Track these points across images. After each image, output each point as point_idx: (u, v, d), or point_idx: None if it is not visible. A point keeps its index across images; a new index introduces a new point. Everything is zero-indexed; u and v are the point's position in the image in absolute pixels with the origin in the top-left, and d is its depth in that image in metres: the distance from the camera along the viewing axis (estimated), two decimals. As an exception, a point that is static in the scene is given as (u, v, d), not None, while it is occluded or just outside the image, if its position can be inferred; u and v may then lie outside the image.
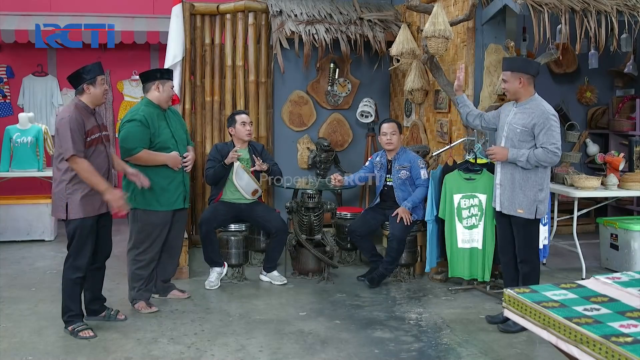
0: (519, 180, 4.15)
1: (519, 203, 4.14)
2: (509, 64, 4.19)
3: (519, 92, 4.15)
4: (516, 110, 4.20)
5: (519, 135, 4.12)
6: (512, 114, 4.21)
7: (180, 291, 4.91)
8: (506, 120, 4.24)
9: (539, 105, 4.14)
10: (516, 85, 4.12)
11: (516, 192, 4.14)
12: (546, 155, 4.03)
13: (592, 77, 7.93)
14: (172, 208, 4.61)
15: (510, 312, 2.62)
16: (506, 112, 4.30)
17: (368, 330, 4.24)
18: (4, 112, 8.35)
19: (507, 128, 4.20)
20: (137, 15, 8.13)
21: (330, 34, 6.59)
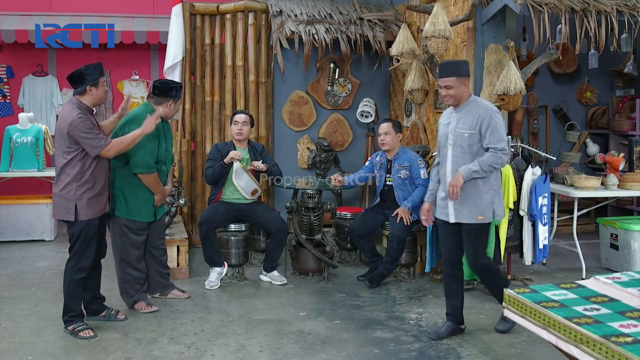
0: (471, 187, 3.96)
1: (477, 210, 3.95)
2: (453, 69, 3.98)
3: (463, 97, 4.00)
4: (458, 115, 4.02)
5: (468, 139, 3.95)
6: (454, 121, 4.02)
7: (180, 291, 4.91)
8: (449, 129, 4.03)
9: (481, 104, 4.02)
10: (462, 90, 3.96)
11: (472, 200, 3.95)
12: (496, 158, 3.89)
13: (592, 77, 7.94)
14: (148, 220, 4.57)
15: (510, 312, 2.62)
16: (446, 121, 4.11)
17: (368, 330, 4.24)
18: (4, 112, 8.36)
19: (452, 136, 4.00)
20: (137, 15, 8.14)
21: (330, 34, 6.59)
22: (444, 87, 3.96)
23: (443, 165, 4.08)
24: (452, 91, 3.95)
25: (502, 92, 4.90)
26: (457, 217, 4.00)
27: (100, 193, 4.10)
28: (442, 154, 4.09)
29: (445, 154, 4.06)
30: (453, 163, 3.99)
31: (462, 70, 3.97)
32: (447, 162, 4.03)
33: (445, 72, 3.96)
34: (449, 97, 3.98)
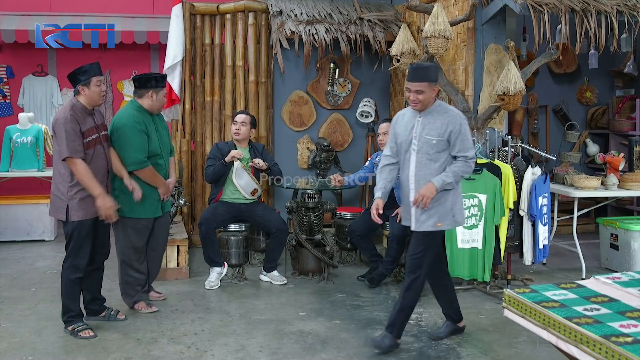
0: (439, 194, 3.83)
1: (438, 217, 3.82)
2: (426, 74, 3.78)
3: (430, 102, 3.82)
4: (423, 120, 3.82)
5: (435, 146, 3.78)
6: (419, 126, 3.82)
7: (157, 292, 4.88)
8: (414, 134, 3.83)
9: (448, 109, 3.86)
10: (431, 96, 3.79)
11: (434, 207, 3.80)
12: (467, 167, 3.80)
13: (592, 77, 7.94)
14: (154, 215, 4.55)
15: (510, 312, 2.62)
16: (408, 124, 3.89)
17: (368, 330, 4.24)
18: (4, 112, 8.36)
19: (417, 142, 3.81)
20: (137, 15, 8.14)
21: (330, 34, 6.59)
22: (415, 91, 3.76)
23: (404, 171, 3.91)
24: (422, 96, 3.76)
25: (502, 92, 4.90)
26: (417, 225, 3.85)
27: None
28: (404, 159, 3.90)
29: (407, 160, 3.87)
30: (417, 170, 3.82)
31: (433, 76, 3.79)
32: (410, 168, 3.85)
33: (417, 77, 3.77)
34: (418, 102, 3.78)
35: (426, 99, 3.77)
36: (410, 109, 3.91)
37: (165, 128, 4.72)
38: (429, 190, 3.75)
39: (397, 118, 3.98)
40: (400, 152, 3.92)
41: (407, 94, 3.80)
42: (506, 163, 5.04)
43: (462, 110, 5.30)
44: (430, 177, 3.79)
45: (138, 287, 4.57)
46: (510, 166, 4.97)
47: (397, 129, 3.94)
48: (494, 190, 4.82)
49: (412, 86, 3.76)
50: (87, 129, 4.01)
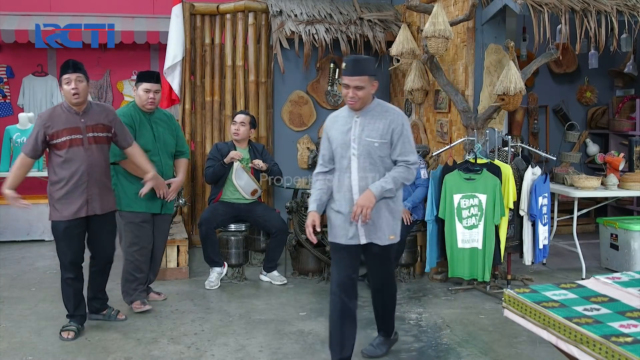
0: (384, 204, 3.47)
1: (389, 229, 3.50)
2: (365, 67, 3.38)
3: (369, 99, 3.45)
4: (362, 120, 3.43)
5: (378, 149, 3.40)
6: (357, 127, 3.43)
7: (156, 293, 4.88)
8: (351, 136, 3.43)
9: (389, 108, 3.50)
10: (370, 92, 3.41)
11: (385, 218, 3.48)
12: (408, 173, 3.45)
13: (592, 77, 7.94)
14: (151, 211, 4.55)
15: (510, 312, 2.62)
16: (344, 126, 3.48)
17: (368, 330, 4.23)
18: (4, 112, 8.36)
19: (357, 145, 3.41)
20: (137, 15, 8.13)
21: (330, 34, 6.59)
22: (354, 87, 3.34)
23: (344, 180, 3.47)
24: (361, 93, 3.35)
25: (502, 92, 4.90)
26: (369, 237, 3.47)
27: (70, 194, 3.96)
28: (342, 166, 3.46)
29: (346, 166, 3.44)
30: (360, 178, 3.42)
31: (372, 69, 3.42)
32: (352, 176, 3.43)
33: (356, 70, 3.34)
34: (357, 99, 3.36)
35: (366, 96, 3.38)
36: (345, 109, 3.51)
37: (170, 128, 4.72)
38: (367, 200, 3.34)
39: (330, 121, 3.55)
40: (337, 158, 3.49)
41: (343, 90, 3.38)
42: (506, 163, 5.04)
43: (462, 110, 5.32)
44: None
45: (139, 286, 4.57)
46: (510, 166, 4.97)
47: (332, 132, 3.50)
48: (494, 190, 4.82)
49: (350, 81, 3.34)
50: (61, 129, 3.92)
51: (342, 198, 3.46)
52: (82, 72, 3.96)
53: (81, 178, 3.96)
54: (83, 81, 3.93)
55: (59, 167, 3.97)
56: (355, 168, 3.42)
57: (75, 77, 3.89)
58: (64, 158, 3.94)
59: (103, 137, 4.07)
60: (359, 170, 3.42)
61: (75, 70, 3.93)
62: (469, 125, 5.29)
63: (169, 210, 4.73)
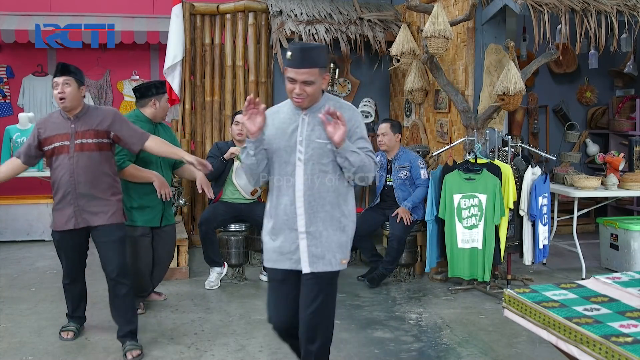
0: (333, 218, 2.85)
1: (340, 250, 2.90)
2: (315, 57, 2.77)
3: (319, 95, 2.88)
4: (310, 119, 2.84)
5: (332, 154, 2.81)
6: (305, 127, 2.84)
7: (157, 294, 4.82)
8: (297, 137, 2.83)
9: (342, 103, 2.95)
10: (321, 87, 2.84)
11: (335, 235, 2.87)
12: (371, 165, 2.86)
13: (592, 77, 7.94)
14: (149, 225, 4.40)
15: (510, 312, 2.62)
16: (287, 125, 2.87)
17: (368, 330, 4.24)
18: (4, 112, 8.35)
19: (305, 148, 2.82)
20: (137, 15, 8.13)
21: (330, 34, 6.59)
22: (302, 82, 2.75)
23: (284, 191, 2.85)
24: (310, 88, 2.77)
25: (502, 92, 4.90)
26: (313, 265, 2.84)
27: (59, 205, 3.76)
28: (282, 173, 2.86)
29: (290, 172, 2.84)
30: (307, 187, 2.81)
31: (324, 60, 2.85)
32: (297, 186, 2.82)
33: (304, 61, 2.74)
34: (305, 96, 2.78)
35: (316, 92, 2.81)
36: (288, 104, 2.92)
37: (170, 139, 4.50)
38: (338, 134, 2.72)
39: (269, 117, 2.89)
40: (276, 164, 2.88)
41: (288, 85, 2.79)
42: (506, 163, 5.04)
43: (462, 110, 5.32)
44: (327, 195, 2.83)
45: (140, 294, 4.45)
46: (510, 166, 4.98)
47: (271, 131, 2.87)
48: (494, 190, 4.82)
49: (297, 74, 2.74)
50: (52, 135, 3.73)
51: (282, 213, 2.85)
52: (71, 75, 3.70)
53: (66, 189, 3.70)
54: (71, 85, 3.67)
55: (52, 175, 3.81)
56: (301, 176, 2.81)
57: (62, 81, 3.67)
58: (53, 166, 3.77)
59: (93, 145, 3.71)
60: (306, 179, 2.81)
61: (63, 73, 3.70)
62: (469, 125, 5.29)
63: (169, 222, 4.56)
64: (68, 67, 3.74)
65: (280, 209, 2.86)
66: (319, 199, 2.81)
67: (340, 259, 2.91)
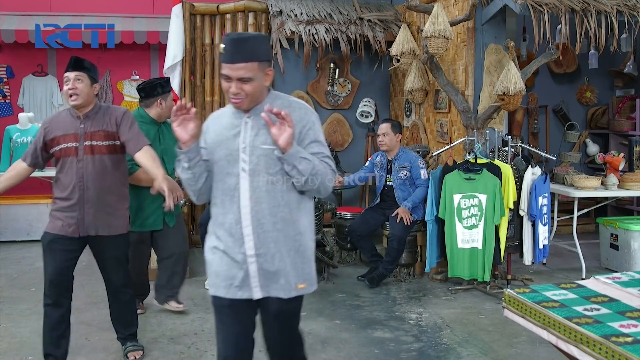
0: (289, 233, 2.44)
1: (297, 274, 2.46)
2: (252, 48, 2.33)
3: (263, 94, 2.43)
4: (254, 122, 2.41)
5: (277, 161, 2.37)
6: (249, 131, 2.40)
7: (177, 302, 4.54)
8: (240, 143, 2.40)
9: (292, 101, 2.49)
10: (263, 85, 2.40)
11: (291, 259, 2.45)
12: (326, 171, 2.43)
13: (592, 77, 7.94)
14: (149, 229, 4.28)
15: (510, 312, 2.61)
16: (229, 131, 2.44)
17: (368, 330, 4.24)
18: (4, 112, 8.35)
19: (249, 156, 2.38)
20: (137, 15, 8.13)
21: (330, 34, 6.59)
22: (238, 79, 2.32)
23: (228, 208, 2.43)
24: (250, 86, 2.33)
25: (502, 92, 4.90)
26: (265, 289, 2.47)
27: (62, 209, 3.46)
28: (227, 187, 2.42)
29: (233, 187, 2.40)
30: (254, 202, 2.38)
31: (264, 52, 2.40)
32: (242, 202, 2.39)
33: (240, 54, 2.31)
34: (244, 96, 2.35)
35: (256, 91, 2.37)
36: (230, 107, 2.48)
37: (173, 138, 4.27)
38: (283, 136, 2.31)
39: (212, 121, 2.54)
40: (218, 176, 2.45)
41: (224, 84, 2.36)
42: (506, 163, 5.04)
43: (462, 110, 5.32)
44: (279, 211, 2.40)
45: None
46: (510, 166, 4.98)
47: (211, 138, 2.47)
48: (494, 190, 4.82)
49: (232, 70, 2.31)
50: (59, 135, 3.46)
51: (227, 234, 2.44)
52: (84, 71, 3.44)
53: (71, 194, 3.41)
54: (84, 81, 3.41)
55: (57, 179, 3.52)
56: (247, 189, 2.39)
57: (74, 76, 3.41)
58: (60, 170, 3.48)
59: (103, 147, 3.46)
60: (253, 193, 2.39)
61: (76, 68, 3.44)
62: (469, 125, 5.29)
63: (171, 222, 4.39)
64: (82, 62, 3.48)
65: (225, 229, 2.45)
66: (269, 216, 2.39)
67: (296, 283, 2.47)
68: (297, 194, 2.45)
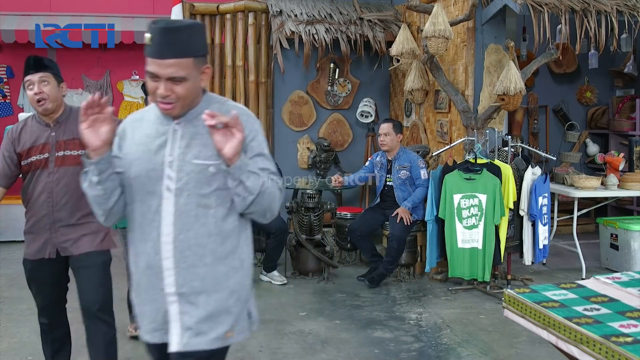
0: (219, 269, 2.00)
1: (227, 320, 2.05)
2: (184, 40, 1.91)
3: (197, 97, 2.00)
4: (185, 130, 1.98)
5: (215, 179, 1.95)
6: (178, 141, 1.97)
7: None
8: (165, 157, 1.97)
9: (231, 105, 2.07)
10: (198, 84, 1.98)
11: (220, 299, 2.01)
12: (274, 190, 1.98)
13: (592, 77, 7.94)
14: None
15: (510, 312, 2.61)
16: (153, 139, 2.00)
17: (368, 330, 4.24)
18: (4, 112, 8.35)
19: (176, 172, 1.95)
20: (137, 15, 8.13)
21: (330, 34, 6.59)
22: (167, 79, 1.91)
23: (149, 234, 1.98)
24: (182, 88, 1.92)
25: (502, 92, 4.90)
26: (185, 340, 1.99)
27: (33, 228, 3.02)
28: (148, 207, 1.98)
29: (154, 208, 1.97)
30: (179, 230, 1.95)
31: (200, 45, 1.99)
32: (164, 228, 1.96)
33: (169, 48, 1.90)
34: (175, 99, 1.92)
35: (190, 93, 1.95)
36: (154, 109, 2.04)
37: None
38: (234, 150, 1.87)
39: (130, 125, 2.08)
40: (136, 195, 2.01)
41: (151, 84, 1.94)
42: (506, 163, 5.04)
43: (462, 110, 5.31)
44: (209, 242, 1.96)
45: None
46: (510, 166, 4.98)
47: (129, 147, 2.03)
48: (494, 190, 4.82)
49: (161, 68, 1.90)
50: (29, 146, 2.99)
51: (146, 266, 2.01)
52: (47, 70, 2.97)
53: (42, 211, 2.98)
54: (50, 82, 2.95)
55: (24, 192, 3.07)
56: (171, 213, 1.95)
57: (38, 79, 2.93)
58: (26, 184, 3.05)
59: (78, 157, 2.92)
60: (178, 218, 1.95)
61: (38, 68, 2.95)
62: (469, 125, 5.29)
63: None
64: (42, 61, 3.00)
65: (143, 260, 2.01)
66: (196, 247, 1.95)
67: (226, 332, 2.04)
68: (234, 221, 2.01)
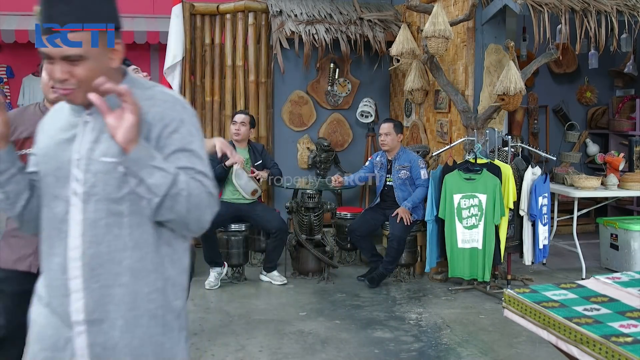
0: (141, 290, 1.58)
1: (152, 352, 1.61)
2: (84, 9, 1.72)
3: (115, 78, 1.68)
4: (95, 123, 1.61)
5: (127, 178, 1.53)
6: (87, 135, 1.61)
7: None
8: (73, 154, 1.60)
9: (156, 92, 1.66)
10: (108, 64, 1.70)
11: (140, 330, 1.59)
12: (199, 192, 1.55)
13: (592, 77, 7.94)
14: None
15: (510, 312, 2.61)
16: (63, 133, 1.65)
17: (368, 330, 4.24)
18: (4, 112, 8.35)
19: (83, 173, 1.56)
20: (137, 15, 8.13)
21: (330, 34, 6.59)
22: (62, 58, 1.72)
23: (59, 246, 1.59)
24: (82, 69, 1.67)
25: (502, 92, 4.90)
26: None
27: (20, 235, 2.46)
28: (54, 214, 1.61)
29: (61, 217, 1.59)
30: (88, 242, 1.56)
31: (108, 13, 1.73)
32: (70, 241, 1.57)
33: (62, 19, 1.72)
34: (75, 85, 1.63)
35: (94, 75, 1.63)
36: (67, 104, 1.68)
37: None
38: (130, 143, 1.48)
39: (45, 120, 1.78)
40: (43, 197, 1.66)
41: (47, 67, 1.72)
42: (506, 163, 5.04)
43: (462, 110, 5.31)
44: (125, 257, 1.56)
45: None
46: (510, 166, 4.98)
47: (42, 142, 1.72)
48: (494, 190, 4.82)
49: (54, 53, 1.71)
50: (24, 137, 2.48)
51: (51, 282, 1.62)
52: None
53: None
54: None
55: None
56: (79, 222, 1.58)
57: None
58: None
59: None
60: (86, 228, 1.57)
61: None
62: (469, 125, 5.29)
63: None
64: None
65: (50, 277, 1.62)
66: (109, 264, 1.57)
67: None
68: (156, 231, 1.60)
